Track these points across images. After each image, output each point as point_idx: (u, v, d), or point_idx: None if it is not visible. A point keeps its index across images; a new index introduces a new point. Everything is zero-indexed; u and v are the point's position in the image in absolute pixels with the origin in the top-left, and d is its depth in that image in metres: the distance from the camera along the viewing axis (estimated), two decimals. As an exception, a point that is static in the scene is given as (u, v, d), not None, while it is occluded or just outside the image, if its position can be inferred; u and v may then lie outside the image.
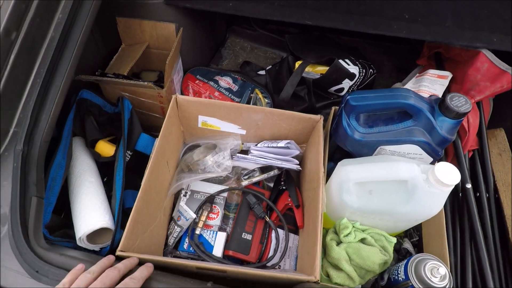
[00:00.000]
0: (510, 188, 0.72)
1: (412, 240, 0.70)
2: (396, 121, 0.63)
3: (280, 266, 0.70)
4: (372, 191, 0.61)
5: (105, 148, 0.75)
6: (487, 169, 0.76)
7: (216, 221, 0.73)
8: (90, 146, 0.74)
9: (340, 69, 0.81)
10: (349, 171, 0.61)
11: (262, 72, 1.00)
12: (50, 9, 0.60)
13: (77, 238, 0.57)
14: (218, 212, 0.75)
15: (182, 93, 0.96)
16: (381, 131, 0.63)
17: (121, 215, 0.63)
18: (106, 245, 0.61)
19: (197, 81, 0.96)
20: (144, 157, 0.75)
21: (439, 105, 0.60)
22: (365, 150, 0.67)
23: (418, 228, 0.72)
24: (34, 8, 0.58)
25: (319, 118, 0.72)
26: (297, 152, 0.78)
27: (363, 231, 0.65)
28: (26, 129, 0.55)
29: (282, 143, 0.76)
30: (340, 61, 0.81)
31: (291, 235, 0.74)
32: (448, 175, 0.54)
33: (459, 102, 0.58)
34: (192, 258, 0.71)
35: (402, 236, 0.73)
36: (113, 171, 0.69)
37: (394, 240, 0.64)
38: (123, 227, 0.62)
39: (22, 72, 0.57)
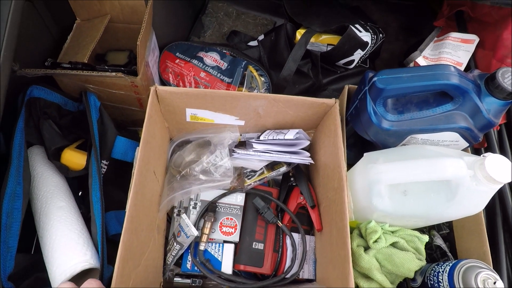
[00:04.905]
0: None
1: (441, 233, 0.64)
2: (432, 105, 0.52)
3: (299, 275, 0.62)
4: (406, 192, 0.52)
5: (74, 158, 0.60)
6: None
7: (234, 236, 0.62)
8: (54, 157, 0.59)
9: (353, 38, 0.67)
10: (380, 171, 0.51)
11: (254, 43, 0.84)
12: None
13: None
14: (236, 225, 0.63)
15: (160, 77, 0.79)
16: (414, 117, 0.52)
17: (106, 246, 0.51)
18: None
19: (177, 60, 0.79)
20: (124, 165, 0.61)
21: (486, 83, 0.49)
22: (392, 139, 0.56)
23: (447, 219, 0.65)
24: None
25: (333, 102, 0.60)
26: (307, 143, 0.67)
27: (392, 232, 0.56)
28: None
29: (290, 134, 0.64)
30: (352, 28, 0.67)
31: (307, 237, 0.65)
32: (500, 170, 0.45)
33: (514, 79, 0.47)
34: (195, 276, 0.62)
35: (428, 228, 0.66)
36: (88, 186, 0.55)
37: (427, 238, 0.56)
38: (110, 260, 0.51)
39: None
